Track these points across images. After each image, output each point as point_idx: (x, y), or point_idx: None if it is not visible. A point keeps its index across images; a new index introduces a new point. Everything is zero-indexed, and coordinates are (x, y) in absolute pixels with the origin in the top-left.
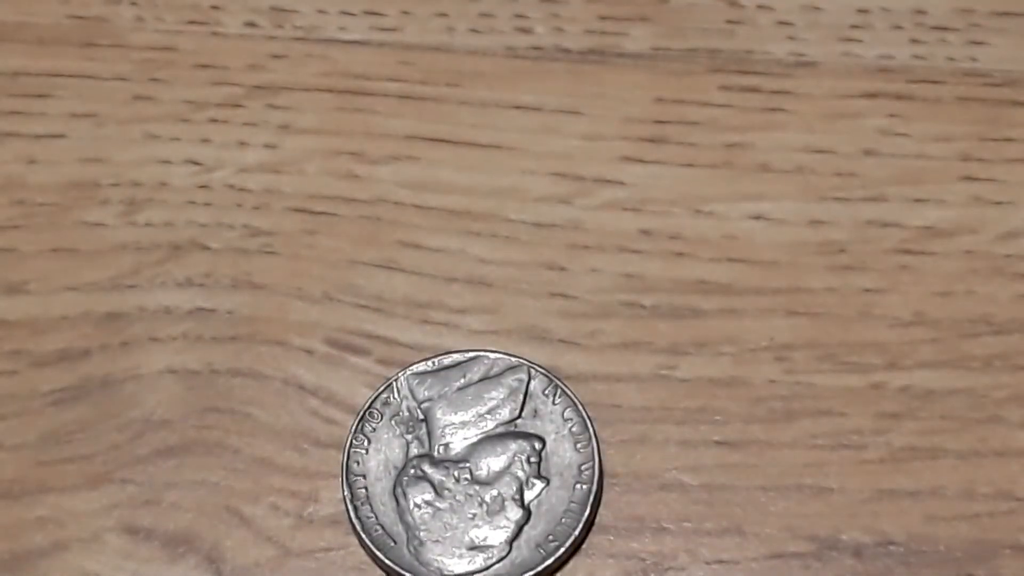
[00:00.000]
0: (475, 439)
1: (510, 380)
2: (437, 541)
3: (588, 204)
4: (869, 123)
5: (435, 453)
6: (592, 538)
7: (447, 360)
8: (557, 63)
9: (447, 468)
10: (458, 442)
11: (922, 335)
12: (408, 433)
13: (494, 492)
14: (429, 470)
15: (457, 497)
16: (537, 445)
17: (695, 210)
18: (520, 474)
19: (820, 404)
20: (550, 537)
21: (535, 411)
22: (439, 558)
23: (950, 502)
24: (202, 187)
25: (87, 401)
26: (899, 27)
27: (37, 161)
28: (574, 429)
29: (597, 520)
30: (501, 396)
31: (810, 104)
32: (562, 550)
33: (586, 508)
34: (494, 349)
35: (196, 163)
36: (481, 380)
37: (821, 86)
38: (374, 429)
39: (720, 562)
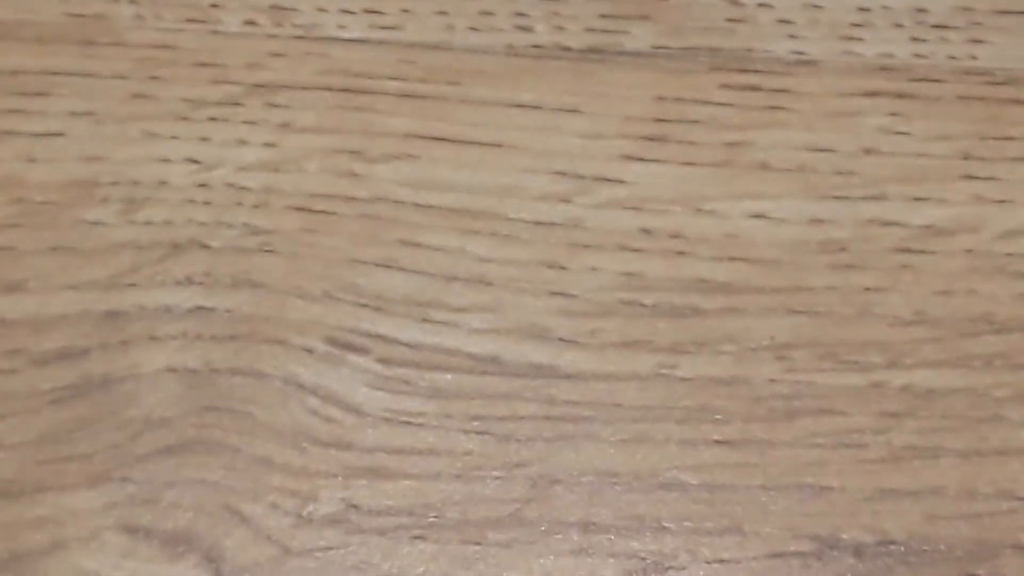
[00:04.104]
0: None
1: None
2: None
3: (588, 203)
4: (870, 121)
5: None
6: (592, 538)
7: None
8: (557, 61)
9: None
10: None
11: (923, 334)
12: None
13: None
14: None
15: None
16: None
17: (695, 209)
18: None
19: (821, 403)
20: None
21: None
22: None
23: (951, 501)
24: (201, 186)
25: (86, 400)
26: (900, 25)
27: (36, 159)
28: None
29: (597, 520)
30: None
31: (811, 102)
32: None
33: None
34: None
35: (195, 161)
36: None
37: (822, 84)
38: None
39: (720, 561)
